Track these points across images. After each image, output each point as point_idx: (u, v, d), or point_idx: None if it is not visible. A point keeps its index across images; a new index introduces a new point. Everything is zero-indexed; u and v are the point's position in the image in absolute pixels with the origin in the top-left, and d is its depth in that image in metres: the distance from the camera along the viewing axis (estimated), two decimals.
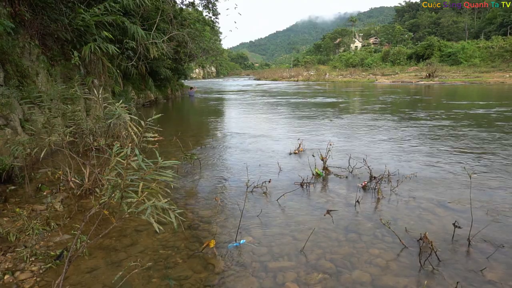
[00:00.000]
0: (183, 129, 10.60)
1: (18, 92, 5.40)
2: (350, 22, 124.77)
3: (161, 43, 11.92)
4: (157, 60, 16.04)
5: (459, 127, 9.70)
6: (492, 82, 35.14)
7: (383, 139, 8.15)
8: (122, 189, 2.20)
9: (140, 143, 2.70)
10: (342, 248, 3.17)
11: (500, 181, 4.97)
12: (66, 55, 7.85)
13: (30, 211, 3.83)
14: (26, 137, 4.76)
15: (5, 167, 4.46)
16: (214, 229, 3.54)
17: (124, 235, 3.40)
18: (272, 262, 2.95)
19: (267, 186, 4.73)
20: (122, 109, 4.22)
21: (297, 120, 12.15)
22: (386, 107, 15.44)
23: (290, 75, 63.43)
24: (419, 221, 3.73)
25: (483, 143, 7.49)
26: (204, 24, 20.14)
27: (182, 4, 17.66)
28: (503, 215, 3.82)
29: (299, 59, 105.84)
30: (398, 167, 5.64)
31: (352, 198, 4.39)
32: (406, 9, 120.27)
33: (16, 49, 5.90)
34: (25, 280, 2.64)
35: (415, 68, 56.18)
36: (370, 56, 74.46)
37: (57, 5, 7.53)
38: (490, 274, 2.74)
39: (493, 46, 55.26)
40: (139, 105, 16.11)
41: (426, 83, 37.82)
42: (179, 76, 27.01)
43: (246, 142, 8.13)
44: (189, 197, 4.59)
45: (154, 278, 2.70)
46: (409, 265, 2.88)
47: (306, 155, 6.48)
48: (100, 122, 5.32)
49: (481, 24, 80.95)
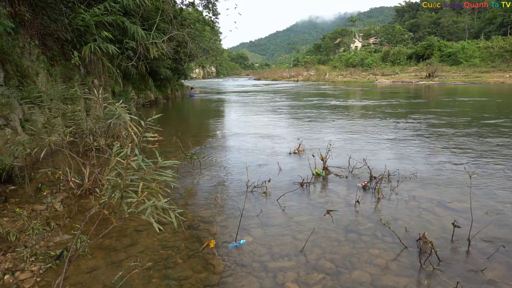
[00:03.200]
0: (183, 129, 10.59)
1: (18, 92, 5.40)
2: (350, 22, 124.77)
3: (161, 43, 11.92)
4: (157, 60, 16.03)
5: (459, 127, 9.70)
6: (492, 82, 35.16)
7: (383, 139, 8.14)
8: (122, 189, 2.20)
9: (140, 143, 2.70)
10: (342, 248, 3.17)
11: (500, 181, 4.97)
12: (66, 55, 7.85)
13: (30, 211, 3.83)
14: (26, 137, 4.76)
15: (5, 167, 4.46)
16: (214, 229, 3.54)
17: (124, 235, 3.40)
18: (272, 262, 2.95)
19: (267, 186, 4.73)
20: (122, 109, 4.22)
21: (297, 120, 12.15)
22: (386, 107, 15.43)
23: (290, 75, 63.46)
24: (419, 221, 3.73)
25: (483, 143, 7.49)
26: (204, 24, 20.14)
27: (182, 4, 17.67)
28: (503, 215, 3.82)
29: (299, 59, 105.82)
30: (398, 167, 5.63)
31: (352, 198, 4.39)
32: (406, 9, 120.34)
33: (16, 49, 5.90)
34: (25, 280, 2.64)
35: (415, 68, 56.17)
36: (370, 56, 74.44)
37: (57, 5, 7.53)
38: (490, 274, 2.74)
39: (493, 46, 55.26)
40: (139, 105, 16.11)
41: (426, 83, 37.82)
42: (179, 76, 27.01)
43: (246, 142, 8.12)
44: (189, 197, 4.59)
45: (154, 278, 2.70)
46: (409, 265, 2.88)
47: (306, 155, 6.48)
48: (100, 122, 5.32)
49: (481, 24, 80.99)
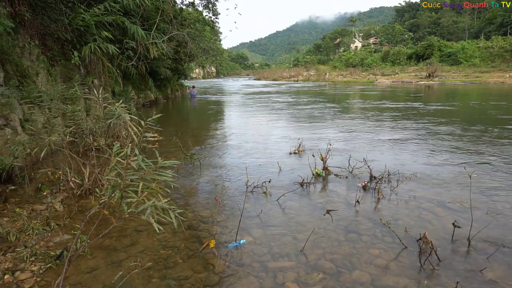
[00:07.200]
0: (183, 129, 10.59)
1: (18, 92, 5.40)
2: (350, 22, 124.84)
3: (161, 43, 11.92)
4: (157, 60, 16.02)
5: (459, 126, 9.69)
6: (492, 82, 35.14)
7: (383, 139, 8.14)
8: (122, 189, 2.20)
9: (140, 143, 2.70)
10: (342, 248, 3.17)
11: (500, 181, 4.97)
12: (66, 55, 7.85)
13: (30, 211, 3.83)
14: (26, 137, 4.76)
15: (5, 167, 4.46)
16: (214, 229, 3.54)
17: (124, 235, 3.40)
18: (272, 262, 2.95)
19: (267, 186, 4.73)
20: (122, 109, 4.22)
21: (297, 120, 12.15)
22: (386, 107, 15.43)
23: (290, 75, 63.44)
24: (419, 221, 3.73)
25: (483, 143, 7.49)
26: (204, 24, 20.16)
27: (182, 4, 17.70)
28: (503, 215, 3.82)
29: (299, 59, 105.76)
30: (398, 167, 5.63)
31: (352, 198, 4.39)
32: (406, 9, 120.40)
33: (16, 49, 5.90)
34: (25, 280, 2.64)
35: (415, 68, 56.10)
36: (370, 56, 74.35)
37: (57, 5, 7.53)
38: (490, 274, 2.74)
39: (493, 46, 55.17)
40: (139, 105, 16.11)
41: (426, 83, 37.81)
42: (179, 76, 27.00)
43: (246, 142, 8.12)
44: (189, 197, 4.59)
45: (154, 278, 2.70)
46: (409, 265, 2.88)
47: (306, 155, 6.48)
48: (100, 122, 5.31)
49: (481, 24, 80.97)
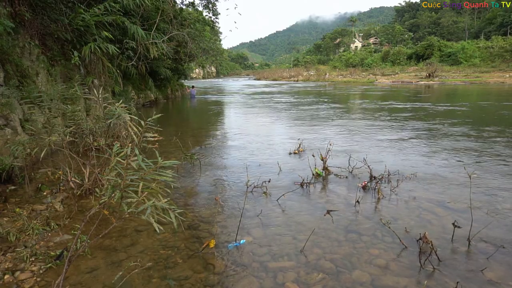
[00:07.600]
0: (183, 129, 10.59)
1: (18, 92, 5.40)
2: (350, 22, 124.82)
3: (161, 43, 11.92)
4: (157, 60, 16.02)
5: (459, 126, 9.70)
6: (492, 82, 35.14)
7: (383, 139, 8.14)
8: (122, 189, 2.20)
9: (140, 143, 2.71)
10: (342, 248, 3.17)
11: (500, 181, 4.97)
12: (66, 55, 7.85)
13: (30, 211, 3.83)
14: (26, 137, 4.76)
15: (5, 167, 4.46)
16: (214, 229, 3.54)
17: (124, 235, 3.40)
18: (272, 262, 2.95)
19: (267, 186, 4.73)
20: (122, 109, 4.22)
21: (297, 120, 12.15)
22: (386, 107, 15.43)
23: (290, 75, 63.43)
24: (419, 221, 3.73)
25: (483, 143, 7.49)
26: (204, 24, 20.15)
27: (182, 4, 17.70)
28: (503, 215, 3.82)
29: (299, 59, 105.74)
30: (398, 167, 5.63)
31: (352, 198, 4.39)
32: (406, 9, 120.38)
33: (16, 49, 5.90)
34: (25, 280, 2.64)
35: (415, 68, 56.10)
36: (370, 56, 74.33)
37: (57, 5, 7.53)
38: (490, 274, 2.74)
39: (493, 46, 55.15)
40: (139, 105, 16.11)
41: (426, 83, 37.81)
42: (179, 76, 27.00)
43: (246, 142, 8.12)
44: (189, 197, 4.59)
45: (154, 278, 2.70)
46: (409, 265, 2.88)
47: (306, 155, 6.48)
48: (100, 122, 5.31)
49: (481, 24, 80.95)
